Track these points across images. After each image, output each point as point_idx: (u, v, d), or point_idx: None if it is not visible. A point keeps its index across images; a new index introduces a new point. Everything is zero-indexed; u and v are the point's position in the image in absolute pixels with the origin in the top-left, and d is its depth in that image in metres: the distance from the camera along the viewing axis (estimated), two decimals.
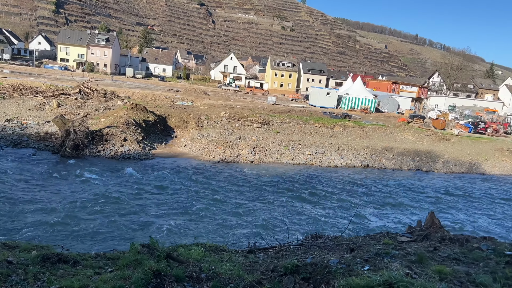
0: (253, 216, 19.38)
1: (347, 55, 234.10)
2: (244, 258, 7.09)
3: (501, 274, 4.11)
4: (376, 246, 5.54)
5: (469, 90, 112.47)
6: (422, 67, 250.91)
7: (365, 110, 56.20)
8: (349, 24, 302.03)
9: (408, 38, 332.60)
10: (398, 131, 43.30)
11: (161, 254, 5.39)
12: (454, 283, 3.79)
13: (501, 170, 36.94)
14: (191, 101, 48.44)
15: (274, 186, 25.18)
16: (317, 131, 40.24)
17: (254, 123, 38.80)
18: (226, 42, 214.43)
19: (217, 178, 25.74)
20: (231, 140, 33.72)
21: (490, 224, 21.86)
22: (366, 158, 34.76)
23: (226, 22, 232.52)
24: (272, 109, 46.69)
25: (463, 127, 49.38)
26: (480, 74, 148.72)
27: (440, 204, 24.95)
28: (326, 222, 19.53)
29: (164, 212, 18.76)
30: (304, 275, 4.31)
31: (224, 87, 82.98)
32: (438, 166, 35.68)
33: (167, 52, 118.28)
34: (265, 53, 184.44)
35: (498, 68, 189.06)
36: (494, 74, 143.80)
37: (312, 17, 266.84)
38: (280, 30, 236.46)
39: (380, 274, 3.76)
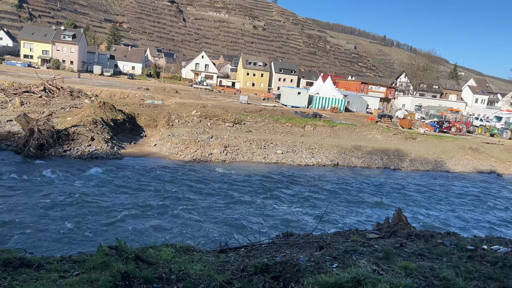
0: (225, 216, 19.30)
1: (318, 55, 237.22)
2: (215, 258, 7.03)
3: (463, 269, 4.25)
4: (345, 244, 5.63)
5: (434, 90, 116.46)
6: (390, 67, 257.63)
7: (335, 109, 57.12)
8: (319, 25, 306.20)
9: (377, 39, 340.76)
10: (367, 130, 44.26)
11: (130, 256, 5.26)
12: (419, 278, 3.89)
13: (464, 168, 38.44)
14: (162, 99, 47.73)
15: (246, 185, 25.18)
16: (288, 130, 40.55)
17: (226, 122, 38.66)
18: (197, 41, 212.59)
19: (188, 177, 25.47)
20: (202, 139, 33.46)
21: (454, 219, 22.70)
22: (336, 157, 35.33)
23: (197, 20, 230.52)
24: (244, 108, 46.68)
25: (429, 126, 51.04)
26: (444, 75, 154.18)
27: (407, 201, 25.69)
28: (297, 220, 19.71)
29: (133, 213, 18.38)
30: (274, 274, 4.31)
31: (195, 86, 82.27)
32: (405, 164, 36.73)
33: (136, 49, 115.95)
34: (236, 52, 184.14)
35: (461, 69, 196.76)
36: (457, 75, 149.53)
37: (283, 17, 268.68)
38: (251, 29, 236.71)
39: (348, 271, 3.81)
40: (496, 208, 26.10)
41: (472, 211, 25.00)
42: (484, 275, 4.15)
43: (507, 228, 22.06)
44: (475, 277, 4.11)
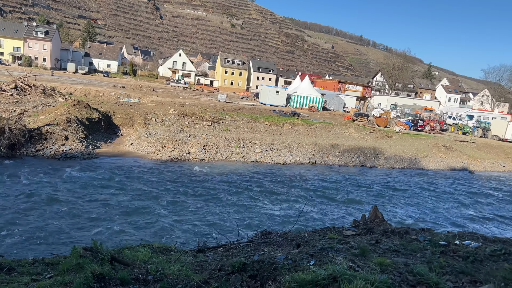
0: (204, 215, 19.18)
1: (296, 54, 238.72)
2: (193, 257, 6.98)
3: (436, 264, 4.35)
4: (322, 241, 5.67)
5: (409, 89, 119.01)
6: (366, 67, 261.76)
7: (313, 108, 57.61)
8: (297, 24, 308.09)
9: (353, 39, 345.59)
10: (344, 128, 44.84)
11: (105, 257, 5.16)
12: (394, 274, 3.96)
13: (438, 165, 39.46)
14: (138, 98, 47.01)
15: (225, 184, 25.10)
16: (267, 129, 40.65)
17: (204, 121, 38.43)
18: (174, 38, 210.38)
19: (165, 177, 25.19)
20: (180, 138, 33.14)
21: (429, 215, 23.26)
22: (314, 155, 35.64)
23: (175, 18, 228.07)
24: (222, 106, 46.50)
25: (404, 125, 52.14)
26: (419, 74, 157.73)
27: (383, 198, 26.16)
28: (276, 218, 19.78)
29: (109, 213, 18.03)
30: (251, 272, 4.30)
31: (172, 84, 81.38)
32: (381, 162, 37.40)
33: (112, 47, 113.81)
34: (215, 50, 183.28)
35: (435, 69, 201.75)
36: (431, 75, 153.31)
37: (261, 16, 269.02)
38: (229, 27, 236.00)
39: (325, 268, 3.84)
40: (468, 204, 26.91)
41: (446, 207, 25.68)
42: (456, 269, 4.26)
43: (479, 223, 22.78)
44: (447, 272, 4.21)
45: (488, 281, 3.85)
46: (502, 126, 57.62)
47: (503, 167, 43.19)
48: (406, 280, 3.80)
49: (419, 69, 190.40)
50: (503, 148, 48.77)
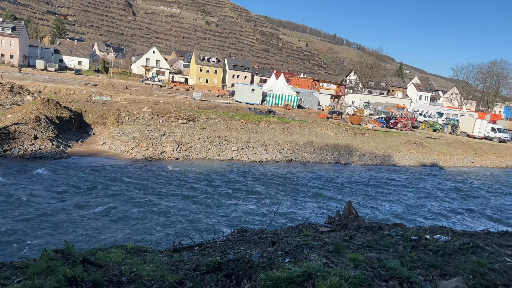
0: (179, 214, 18.99)
1: (271, 53, 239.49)
2: (168, 257, 6.88)
3: (408, 258, 4.45)
4: (297, 238, 5.71)
5: (381, 87, 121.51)
6: (340, 65, 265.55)
7: (288, 106, 57.99)
8: (272, 22, 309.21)
9: (327, 37, 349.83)
10: (319, 126, 45.33)
11: (77, 259, 5.01)
12: (367, 269, 4.02)
13: (410, 162, 40.46)
14: (110, 96, 46.03)
15: (201, 182, 24.93)
16: (243, 127, 40.61)
17: (179, 119, 38.01)
18: (148, 35, 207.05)
19: (139, 176, 24.78)
20: (154, 136, 32.67)
21: (401, 210, 23.83)
22: (289, 153, 35.88)
23: (148, 15, 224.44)
24: (197, 104, 46.13)
25: (377, 122, 53.17)
26: (391, 73, 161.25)
27: (357, 194, 26.62)
28: (253, 216, 19.80)
29: (81, 214, 17.58)
30: (226, 271, 4.28)
31: (146, 82, 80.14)
32: (355, 159, 38.03)
33: (83, 43, 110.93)
34: (189, 47, 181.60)
35: (406, 67, 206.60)
36: (403, 73, 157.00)
37: (236, 14, 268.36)
38: (204, 25, 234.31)
39: (299, 266, 3.86)
40: (439, 199, 27.73)
41: (417, 202, 26.37)
42: (426, 263, 4.37)
43: (448, 217, 23.50)
44: (418, 266, 4.32)
45: (457, 274, 3.97)
46: (470, 123, 59.66)
47: (471, 162, 44.73)
48: (379, 275, 3.87)
49: (391, 68, 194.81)
50: (471, 144, 50.51)
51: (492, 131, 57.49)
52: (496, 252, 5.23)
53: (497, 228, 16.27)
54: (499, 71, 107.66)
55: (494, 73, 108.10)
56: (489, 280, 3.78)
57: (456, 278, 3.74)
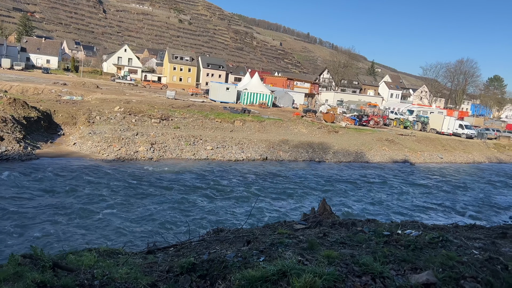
0: (153, 215, 18.70)
1: (245, 51, 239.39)
2: (142, 259, 6.74)
3: (380, 253, 4.53)
4: (272, 236, 5.71)
5: (354, 86, 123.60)
6: (314, 64, 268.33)
7: (263, 105, 58.12)
8: (246, 21, 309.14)
9: (301, 36, 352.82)
10: (293, 124, 45.66)
11: (47, 264, 4.83)
12: (341, 265, 4.06)
13: (382, 158, 41.34)
14: (81, 95, 44.84)
15: (175, 182, 24.64)
16: (218, 126, 40.41)
17: (153, 119, 37.44)
18: (119, 33, 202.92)
19: (111, 177, 24.26)
20: (127, 136, 32.06)
21: (375, 206, 24.31)
22: (265, 151, 35.98)
23: (119, 12, 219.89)
24: (171, 103, 45.57)
25: (350, 120, 54.04)
26: (363, 71, 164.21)
27: (332, 191, 26.98)
28: (229, 215, 19.74)
29: (50, 217, 17.04)
30: (200, 272, 4.22)
31: (118, 81, 78.62)
32: (329, 157, 38.53)
33: (51, 41, 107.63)
34: (162, 46, 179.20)
35: (378, 66, 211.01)
36: (374, 72, 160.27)
37: (210, 12, 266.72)
38: (177, 23, 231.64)
39: (274, 264, 3.85)
40: (411, 194, 28.46)
41: (390, 198, 26.98)
42: (398, 258, 4.46)
43: (420, 212, 24.14)
44: (390, 261, 4.40)
45: (427, 268, 4.06)
46: (439, 120, 61.52)
47: (441, 158, 46.15)
48: (353, 271, 3.91)
49: (363, 66, 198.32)
50: (440, 140, 52.09)
51: (460, 127, 59.49)
52: (464, 245, 5.39)
53: (465, 222, 16.85)
54: (466, 70, 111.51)
55: (461, 72, 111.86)
56: (457, 272, 3.89)
57: (426, 272, 3.83)
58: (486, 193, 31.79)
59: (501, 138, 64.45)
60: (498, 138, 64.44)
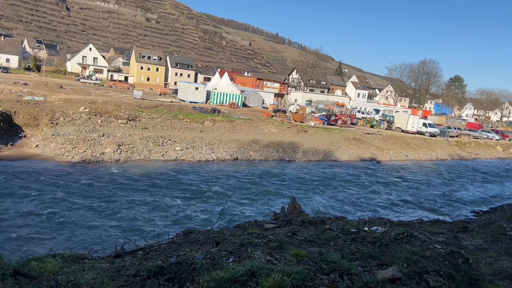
0: (121, 219, 18.26)
1: (214, 51, 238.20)
2: (110, 264, 6.57)
3: (347, 251, 4.60)
4: (241, 237, 5.69)
5: (322, 86, 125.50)
6: (283, 64, 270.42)
7: (233, 105, 58.01)
8: (214, 20, 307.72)
9: (270, 36, 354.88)
10: (263, 124, 45.83)
11: (7, 272, 4.61)
12: (309, 264, 4.09)
13: (350, 157, 42.17)
14: (43, 95, 43.20)
15: (144, 184, 24.17)
16: (187, 126, 39.97)
17: (119, 119, 36.57)
18: (84, 32, 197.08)
19: (76, 179, 23.50)
20: (92, 138, 31.16)
21: (343, 204, 24.74)
22: (235, 151, 35.91)
23: (83, 10, 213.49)
24: (138, 103, 44.67)
25: (318, 120, 54.80)
26: (331, 71, 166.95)
27: (302, 189, 27.26)
28: (199, 216, 19.54)
29: (10, 223, 16.31)
30: (168, 275, 4.14)
31: (83, 80, 76.33)
32: (298, 156, 38.92)
33: (11, 40, 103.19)
34: (129, 45, 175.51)
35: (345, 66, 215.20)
36: (342, 72, 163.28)
37: (178, 11, 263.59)
38: (144, 22, 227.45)
39: (243, 264, 3.83)
40: (378, 192, 29.17)
41: (359, 195, 27.55)
42: (365, 254, 4.54)
43: (387, 209, 24.79)
44: (358, 258, 4.47)
45: (393, 263, 4.16)
46: (404, 119, 63.42)
47: (406, 156, 47.58)
48: (321, 269, 3.95)
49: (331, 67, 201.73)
50: (405, 139, 53.73)
51: (424, 126, 61.55)
52: (428, 240, 5.57)
53: (430, 217, 17.43)
54: (428, 70, 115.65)
55: (424, 72, 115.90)
56: (421, 267, 4.00)
57: (392, 267, 3.92)
58: (449, 189, 33.05)
59: (462, 136, 67.20)
60: (459, 136, 67.14)
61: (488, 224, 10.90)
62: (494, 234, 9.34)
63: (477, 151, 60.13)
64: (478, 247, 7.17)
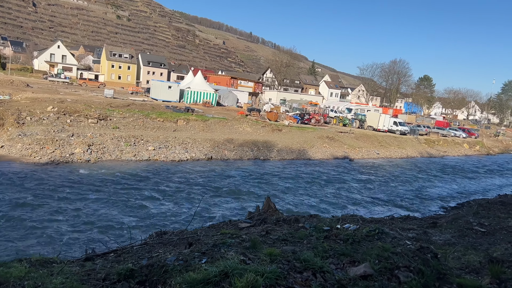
0: (92, 220, 17.78)
1: (187, 49, 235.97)
2: (80, 267, 6.36)
3: (320, 248, 4.63)
4: (214, 237, 5.63)
5: (296, 85, 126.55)
6: (257, 63, 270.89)
7: (207, 104, 57.64)
8: (187, 18, 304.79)
9: (244, 35, 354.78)
10: (238, 123, 45.75)
11: None
12: (283, 262, 4.09)
13: (323, 155, 42.70)
14: (9, 94, 41.60)
15: (115, 185, 23.64)
16: (160, 125, 39.40)
17: (90, 119, 35.65)
18: (51, 29, 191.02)
19: (45, 181, 22.73)
20: (61, 138, 30.23)
21: (318, 202, 24.99)
22: (209, 151, 35.68)
23: (51, 6, 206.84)
24: (109, 102, 43.68)
25: (292, 119, 55.22)
26: (304, 71, 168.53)
27: (277, 188, 27.36)
28: (173, 217, 19.29)
29: None
30: (139, 278, 4.04)
31: (51, 79, 74.00)
32: (273, 155, 39.09)
33: None
34: (99, 42, 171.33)
35: (318, 66, 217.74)
36: (315, 72, 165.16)
37: (150, 8, 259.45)
38: (115, 19, 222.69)
39: (216, 265, 3.78)
40: (351, 189, 29.65)
41: (332, 193, 27.91)
42: (338, 252, 4.58)
43: (359, 206, 25.20)
44: (330, 255, 4.51)
45: (364, 260, 4.22)
46: (376, 117, 64.79)
47: (377, 154, 48.61)
48: (294, 268, 3.95)
49: (304, 66, 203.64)
50: (377, 137, 54.89)
51: (394, 124, 63.07)
52: (399, 236, 5.68)
53: (401, 214, 17.88)
54: (399, 70, 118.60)
55: (395, 71, 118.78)
56: (392, 263, 4.07)
57: (363, 264, 3.97)
58: (419, 186, 33.98)
59: (431, 134, 69.33)
60: (428, 134, 69.22)
61: (456, 220, 11.26)
62: (462, 229, 9.66)
63: (445, 148, 62.17)
64: (447, 242, 7.39)
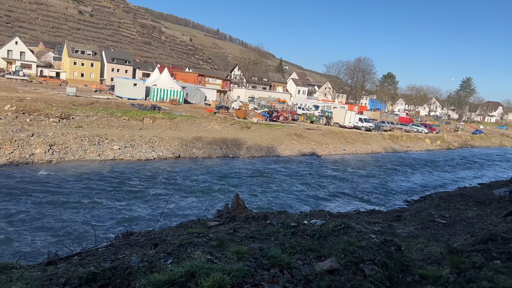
0: (55, 223, 17.14)
1: (153, 46, 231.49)
2: (41, 272, 6.10)
3: (288, 245, 4.64)
4: (181, 237, 5.54)
5: (264, 83, 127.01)
6: (225, 61, 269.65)
7: (174, 101, 56.82)
8: (153, 14, 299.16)
9: (211, 32, 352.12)
10: (206, 121, 45.40)
11: None
12: (250, 260, 4.07)
13: (291, 152, 43.11)
14: None
15: (79, 186, 22.89)
16: (125, 124, 38.48)
17: (51, 118, 34.32)
18: (8, 24, 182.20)
19: (2, 184, 21.70)
20: (20, 138, 28.94)
21: (287, 198, 25.20)
22: (177, 149, 35.22)
23: (7, 1, 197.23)
24: (72, 101, 42.20)
25: (261, 116, 55.41)
26: (272, 68, 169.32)
27: (246, 186, 27.38)
28: (140, 218, 18.89)
29: None
30: (102, 282, 3.91)
31: (8, 77, 70.67)
32: (242, 152, 39.07)
33: None
34: (60, 38, 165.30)
35: (285, 63, 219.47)
36: (283, 69, 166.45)
37: (113, 4, 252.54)
38: (77, 14, 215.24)
39: (182, 265, 3.71)
40: (319, 185, 30.09)
41: (301, 189, 28.22)
42: (304, 248, 4.61)
43: (328, 201, 25.63)
44: (297, 251, 4.53)
45: (331, 255, 4.27)
46: (342, 114, 66.09)
47: (344, 150, 49.60)
48: (262, 265, 3.94)
49: (272, 64, 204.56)
50: (343, 133, 55.99)
51: (360, 121, 64.58)
52: (364, 229, 5.79)
53: (367, 208, 18.30)
54: (363, 67, 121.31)
55: (360, 69, 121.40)
56: (357, 257, 4.14)
57: (330, 259, 4.01)
58: (384, 180, 34.95)
59: (395, 130, 71.48)
60: (392, 130, 71.33)
61: (419, 212, 11.64)
62: (424, 221, 9.99)
63: (408, 143, 64.27)
64: (410, 234, 7.62)
